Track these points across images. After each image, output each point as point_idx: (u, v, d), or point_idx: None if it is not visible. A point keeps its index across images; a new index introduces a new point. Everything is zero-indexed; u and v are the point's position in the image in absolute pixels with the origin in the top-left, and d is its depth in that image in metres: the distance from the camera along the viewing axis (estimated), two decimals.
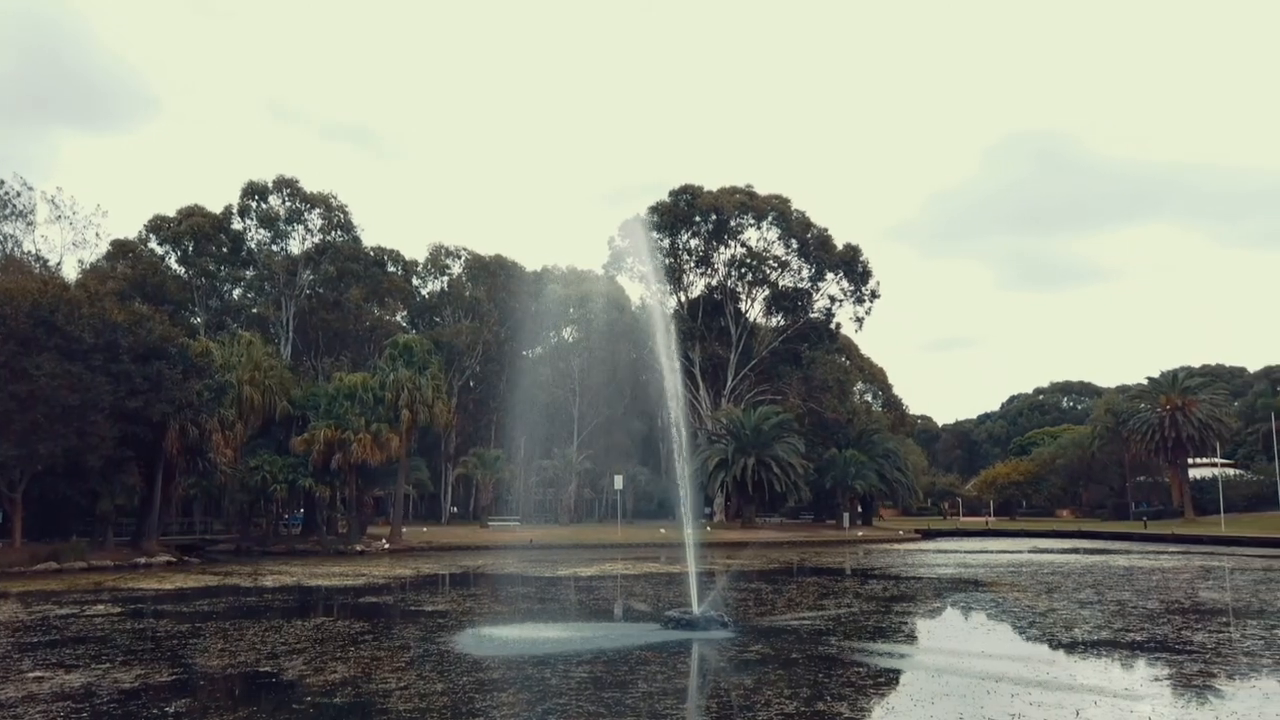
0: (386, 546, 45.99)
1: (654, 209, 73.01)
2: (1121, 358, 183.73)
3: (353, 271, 67.00)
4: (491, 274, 75.91)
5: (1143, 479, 79.62)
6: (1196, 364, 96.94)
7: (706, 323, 73.53)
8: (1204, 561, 38.90)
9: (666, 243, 73.24)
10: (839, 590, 28.05)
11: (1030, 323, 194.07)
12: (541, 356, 75.66)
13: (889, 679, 13.93)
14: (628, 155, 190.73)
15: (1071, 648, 16.81)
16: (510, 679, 13.36)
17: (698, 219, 72.02)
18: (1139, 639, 17.53)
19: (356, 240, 69.28)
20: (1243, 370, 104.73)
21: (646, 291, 73.71)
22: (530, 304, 72.39)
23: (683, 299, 75.91)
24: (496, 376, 73.63)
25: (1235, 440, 78.03)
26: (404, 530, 50.99)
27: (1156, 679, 13.83)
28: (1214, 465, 73.20)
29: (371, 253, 71.28)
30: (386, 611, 22.89)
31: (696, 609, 18.57)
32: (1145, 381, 77.06)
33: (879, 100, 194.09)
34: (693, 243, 73.50)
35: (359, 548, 44.64)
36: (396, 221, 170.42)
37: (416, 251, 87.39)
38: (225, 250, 67.63)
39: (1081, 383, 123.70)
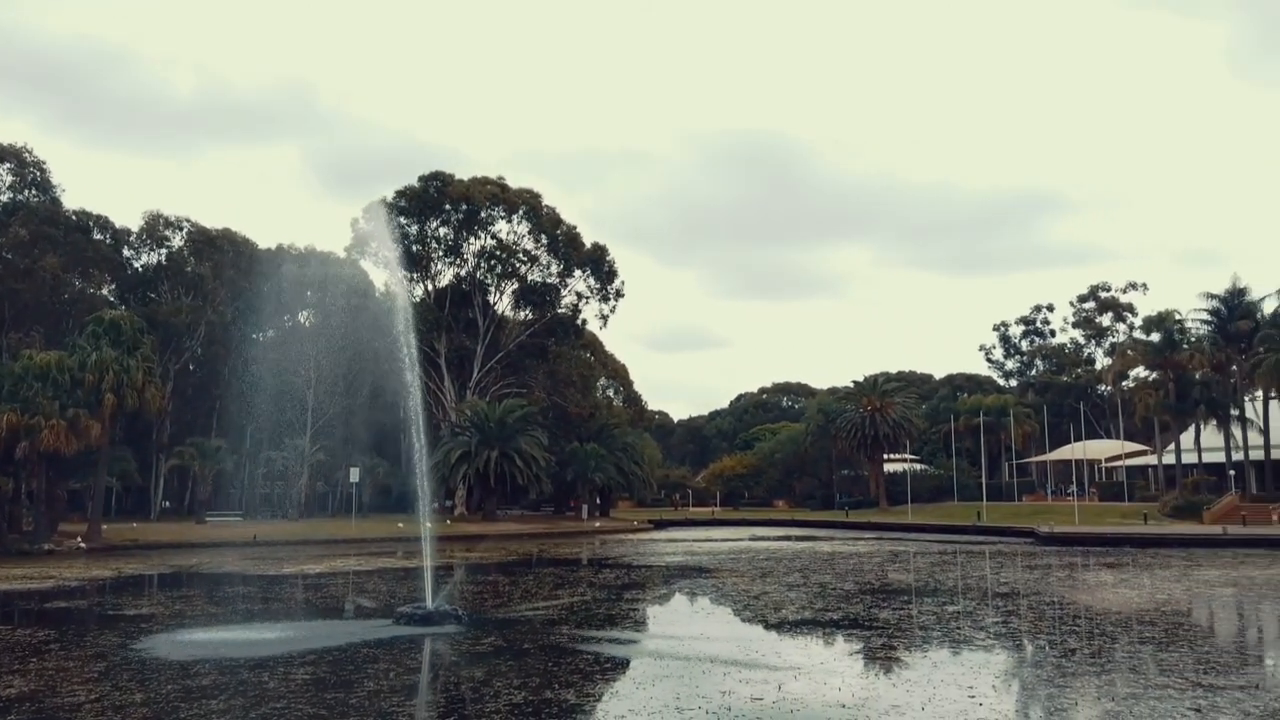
0: (83, 545, 41.26)
1: (401, 193, 70.84)
2: (833, 362, 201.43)
3: (49, 236, 59.16)
4: (219, 249, 69.99)
5: (846, 472, 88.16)
6: (894, 370, 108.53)
7: (454, 313, 72.43)
8: (893, 546, 43.80)
9: (415, 229, 71.31)
10: (574, 580, 28.77)
11: (757, 327, 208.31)
12: (274, 341, 70.86)
13: (615, 664, 14.54)
14: (370, 138, 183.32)
15: (780, 627, 18.40)
16: (222, 685, 12.54)
17: (448, 207, 70.76)
18: (836, 617, 19.49)
19: (55, 202, 61.29)
20: (930, 377, 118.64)
21: (391, 278, 71.37)
22: (263, 284, 67.61)
23: (430, 288, 74.26)
24: (221, 360, 68.08)
25: (923, 439, 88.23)
26: (105, 527, 45.99)
27: (850, 653, 15.48)
28: (905, 461, 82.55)
29: (74, 217, 63.31)
30: (79, 617, 20.63)
31: (430, 603, 18.36)
32: (851, 385, 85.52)
33: (621, 105, 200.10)
34: (442, 231, 72.15)
35: (48, 547, 39.74)
36: (106, 186, 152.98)
37: (130, 219, 78.53)
38: None
39: (799, 384, 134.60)
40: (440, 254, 72.99)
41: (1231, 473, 57.87)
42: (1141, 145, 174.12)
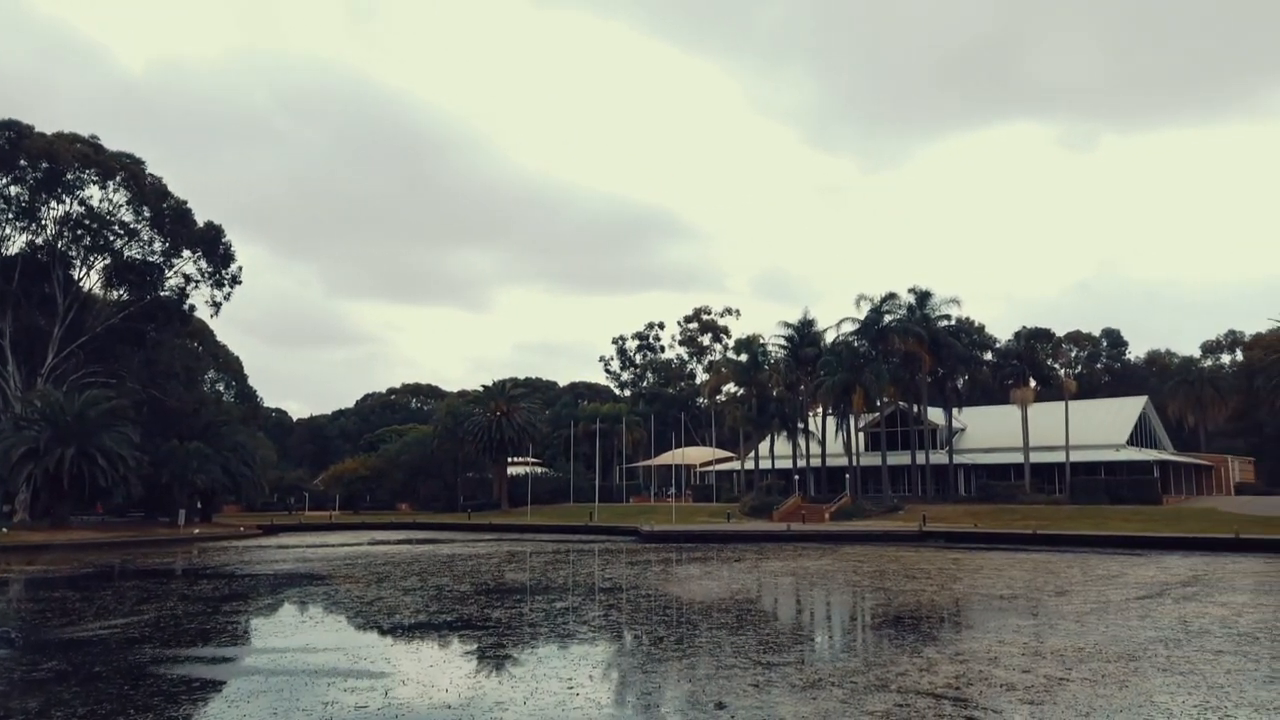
0: None
1: None
2: (465, 366, 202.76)
3: None
4: None
5: (472, 475, 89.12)
6: (522, 376, 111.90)
7: (26, 287, 61.92)
8: (512, 547, 45.11)
9: None
10: (164, 593, 26.01)
11: (388, 326, 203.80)
12: None
13: (206, 684, 13.47)
14: None
15: (393, 633, 18.21)
16: None
17: (24, 163, 60.39)
18: (450, 619, 19.70)
19: None
20: (555, 384, 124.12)
21: None
22: None
23: None
24: None
25: (545, 443, 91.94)
26: None
27: (462, 654, 15.75)
28: (528, 464, 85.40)
29: None
30: None
31: None
32: (480, 389, 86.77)
33: (244, 74, 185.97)
34: (14, 190, 61.42)
35: None
36: None
37: None
38: None
39: (430, 386, 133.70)
40: (10, 217, 62.19)
41: (796, 477, 67.39)
42: (751, 182, 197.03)
